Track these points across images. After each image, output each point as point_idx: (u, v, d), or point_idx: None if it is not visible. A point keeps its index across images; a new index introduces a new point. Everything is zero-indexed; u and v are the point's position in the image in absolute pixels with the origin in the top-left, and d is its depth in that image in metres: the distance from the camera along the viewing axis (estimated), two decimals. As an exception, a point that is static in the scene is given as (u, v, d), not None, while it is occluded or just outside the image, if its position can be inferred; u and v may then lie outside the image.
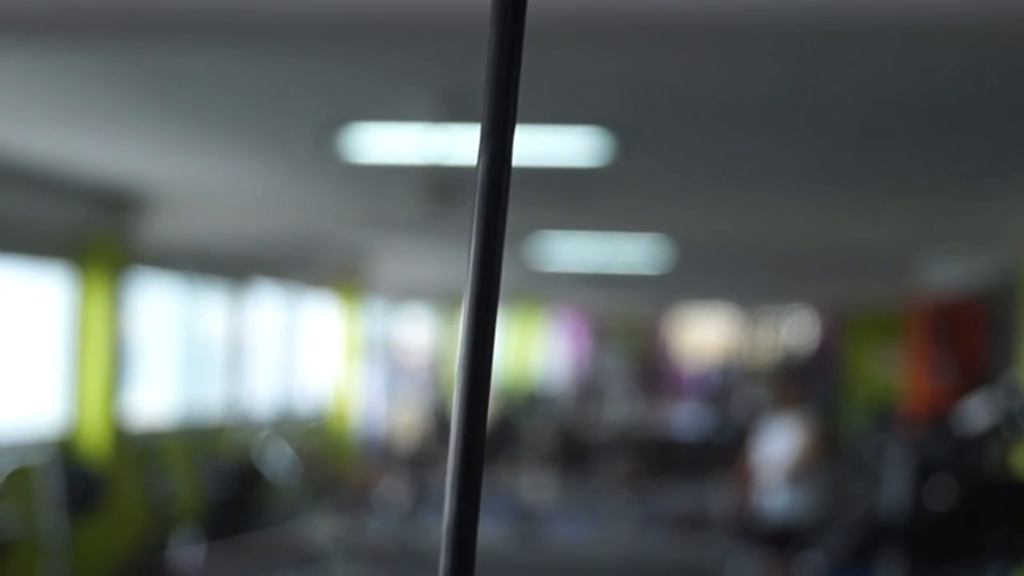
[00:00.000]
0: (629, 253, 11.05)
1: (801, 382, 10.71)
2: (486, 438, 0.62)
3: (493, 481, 13.25)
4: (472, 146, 5.32)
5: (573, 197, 7.65)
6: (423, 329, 18.44)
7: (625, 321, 22.12)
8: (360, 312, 13.87)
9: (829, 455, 9.90)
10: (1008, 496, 6.10)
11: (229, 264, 11.20)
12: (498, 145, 0.62)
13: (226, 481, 10.09)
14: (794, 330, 20.31)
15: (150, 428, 9.59)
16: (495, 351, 0.63)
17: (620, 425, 17.24)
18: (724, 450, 14.43)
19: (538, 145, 5.73)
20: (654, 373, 21.73)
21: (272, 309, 12.45)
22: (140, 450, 9.19)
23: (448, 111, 5.02)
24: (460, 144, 5.34)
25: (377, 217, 8.99)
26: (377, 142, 5.74)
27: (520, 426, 15.97)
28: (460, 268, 13.50)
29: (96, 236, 8.37)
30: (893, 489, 6.30)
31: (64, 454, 7.98)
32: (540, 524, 11.35)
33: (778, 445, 7.71)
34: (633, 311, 21.49)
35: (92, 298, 8.45)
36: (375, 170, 6.83)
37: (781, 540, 7.43)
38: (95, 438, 8.41)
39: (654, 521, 11.74)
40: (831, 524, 7.16)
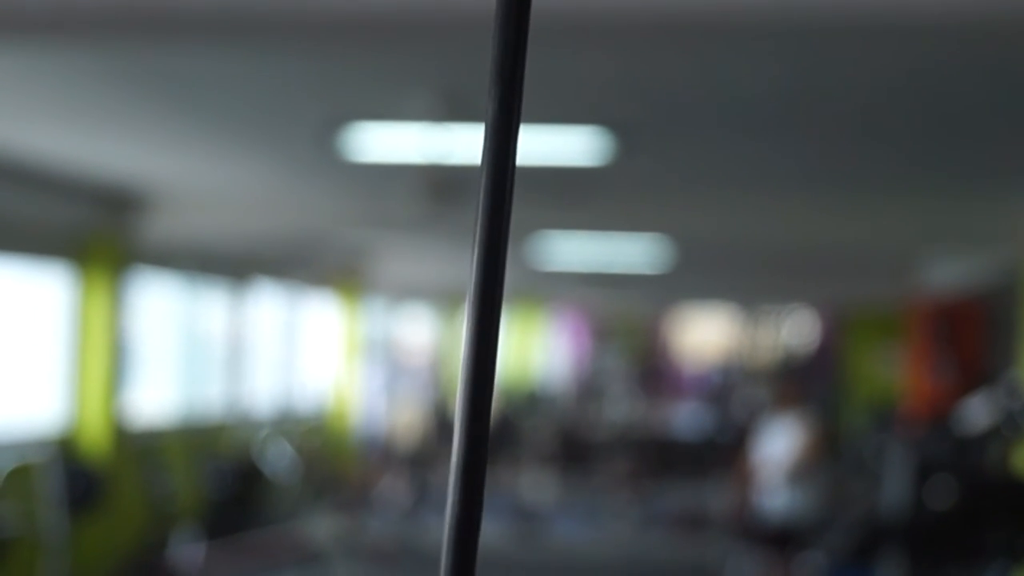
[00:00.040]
0: (629, 253, 11.05)
1: (801, 382, 10.72)
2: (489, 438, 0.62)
3: (494, 480, 13.24)
4: (473, 145, 5.32)
5: (574, 197, 7.65)
6: (423, 328, 18.43)
7: (625, 321, 22.11)
8: (360, 311, 13.87)
9: (829, 455, 9.89)
10: (1008, 496, 6.10)
11: (230, 263, 11.19)
12: (502, 145, 0.62)
13: (226, 480, 10.09)
14: (794, 330, 20.30)
15: (150, 426, 9.59)
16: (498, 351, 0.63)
17: (620, 425, 17.24)
18: (724, 450, 14.44)
19: (539, 144, 5.73)
20: (654, 373, 21.72)
21: (273, 308, 12.45)
22: (140, 448, 9.18)
23: (448, 110, 5.02)
24: (461, 143, 5.34)
25: (377, 216, 8.99)
26: (378, 141, 5.74)
27: (520, 425, 15.96)
28: (460, 267, 13.52)
29: (97, 235, 8.37)
30: (893, 489, 6.30)
31: (64, 452, 7.98)
32: (540, 523, 11.35)
33: (778, 445, 7.71)
34: (633, 311, 21.48)
35: (93, 297, 8.45)
36: (376, 169, 6.82)
37: (781, 540, 7.43)
38: (95, 436, 8.41)
39: (654, 521, 11.74)
40: (831, 524, 7.15)
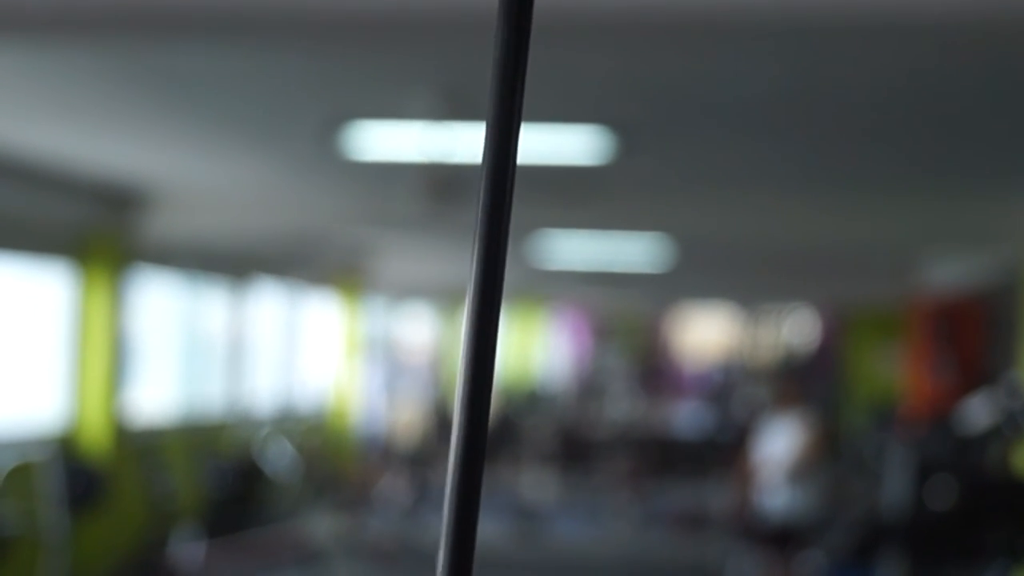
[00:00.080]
0: (630, 252, 11.05)
1: (802, 381, 10.71)
2: (487, 437, 0.62)
3: (494, 479, 13.25)
4: (474, 144, 5.32)
5: (575, 195, 7.65)
6: (424, 327, 18.44)
7: (626, 319, 22.11)
8: (361, 310, 13.87)
9: (830, 454, 9.89)
10: (1008, 496, 6.11)
11: (230, 261, 11.20)
12: (503, 143, 0.62)
13: (227, 478, 10.10)
14: (795, 329, 20.30)
15: (151, 425, 9.59)
16: (497, 349, 0.63)
17: (621, 423, 17.23)
18: (725, 449, 14.43)
19: (540, 143, 5.73)
20: (655, 372, 21.72)
21: (273, 306, 12.45)
22: (141, 447, 9.19)
23: (449, 109, 5.02)
24: (461, 142, 5.34)
25: (378, 215, 9.00)
26: (378, 140, 5.74)
27: (521, 424, 15.97)
28: (461, 266, 13.51)
29: (97, 233, 8.37)
30: (893, 488, 6.31)
31: (65, 451, 7.98)
32: (540, 522, 11.36)
33: (779, 444, 7.71)
34: (634, 309, 21.48)
35: (93, 295, 8.46)
36: (376, 168, 6.82)
37: (781, 539, 7.43)
38: (96, 435, 8.41)
39: (654, 520, 11.74)
40: (831, 523, 7.16)
